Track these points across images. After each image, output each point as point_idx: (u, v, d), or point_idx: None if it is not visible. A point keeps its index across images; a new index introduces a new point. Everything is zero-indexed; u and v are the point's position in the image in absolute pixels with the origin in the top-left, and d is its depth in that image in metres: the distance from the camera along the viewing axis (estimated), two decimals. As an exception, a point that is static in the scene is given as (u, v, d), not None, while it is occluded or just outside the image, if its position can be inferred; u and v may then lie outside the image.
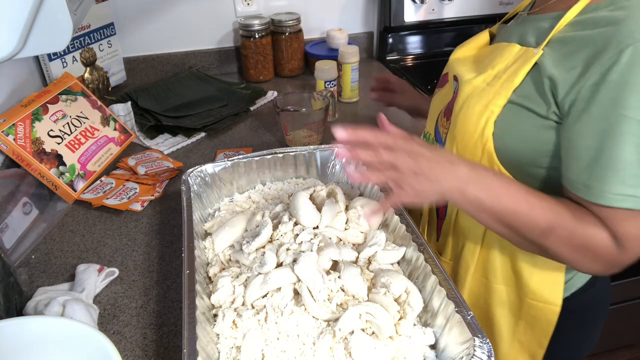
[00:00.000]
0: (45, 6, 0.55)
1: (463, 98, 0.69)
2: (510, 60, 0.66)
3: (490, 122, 0.65)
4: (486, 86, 0.67)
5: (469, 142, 0.67)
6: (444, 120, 0.75)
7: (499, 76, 0.66)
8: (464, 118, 0.67)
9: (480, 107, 0.66)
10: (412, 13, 1.51)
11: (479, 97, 0.67)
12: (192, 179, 0.84)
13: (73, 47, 1.25)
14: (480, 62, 0.72)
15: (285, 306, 0.63)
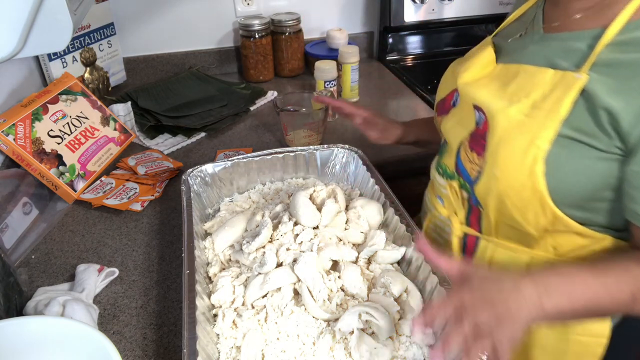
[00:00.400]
0: (45, 6, 0.55)
1: (500, 133, 0.62)
2: (546, 87, 0.60)
3: (539, 159, 0.58)
4: (525, 118, 0.60)
5: (514, 183, 0.60)
6: (473, 156, 0.67)
7: (538, 106, 0.60)
8: (506, 156, 0.61)
9: (524, 143, 0.59)
10: (412, 13, 1.51)
11: (520, 131, 0.60)
12: (192, 179, 0.84)
13: (73, 47, 1.25)
14: (505, 88, 0.65)
15: (285, 306, 0.63)
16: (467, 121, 0.70)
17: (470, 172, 0.68)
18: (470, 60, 0.73)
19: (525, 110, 0.60)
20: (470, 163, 0.68)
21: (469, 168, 0.68)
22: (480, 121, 0.67)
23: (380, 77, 1.50)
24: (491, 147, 0.63)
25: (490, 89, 0.66)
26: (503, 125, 0.62)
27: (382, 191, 0.80)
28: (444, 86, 0.81)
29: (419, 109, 1.29)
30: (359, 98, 1.35)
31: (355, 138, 1.16)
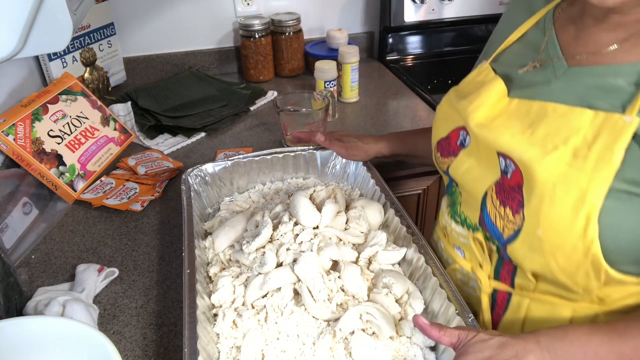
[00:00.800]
0: (45, 6, 0.55)
1: (540, 188, 0.53)
2: (588, 132, 0.52)
3: (593, 219, 0.50)
4: (568, 169, 0.52)
5: (562, 245, 0.53)
6: (506, 212, 0.59)
7: (581, 154, 0.52)
8: (552, 216, 0.53)
9: (573, 200, 0.51)
10: (412, 13, 1.51)
11: (566, 185, 0.52)
12: (192, 179, 0.84)
13: (73, 47, 1.25)
14: (531, 131, 0.57)
15: (285, 306, 0.63)
16: (489, 168, 0.62)
17: (502, 230, 0.59)
18: (478, 96, 0.64)
19: (567, 159, 0.52)
20: (502, 220, 0.59)
21: (500, 225, 0.60)
22: (508, 170, 0.59)
23: (380, 77, 1.50)
24: (531, 204, 0.55)
25: (514, 132, 0.58)
26: (543, 178, 0.53)
27: (383, 192, 0.80)
28: (444, 123, 0.71)
29: (419, 109, 1.29)
30: (359, 98, 1.35)
31: (355, 138, 1.16)
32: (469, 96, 0.65)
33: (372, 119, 1.25)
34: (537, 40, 0.64)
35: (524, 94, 0.61)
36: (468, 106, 0.64)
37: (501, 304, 0.66)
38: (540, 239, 0.54)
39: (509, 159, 0.59)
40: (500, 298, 0.66)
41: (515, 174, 0.58)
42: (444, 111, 0.72)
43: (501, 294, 0.65)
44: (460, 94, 0.69)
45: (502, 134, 0.59)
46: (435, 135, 0.73)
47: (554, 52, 0.61)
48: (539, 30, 0.65)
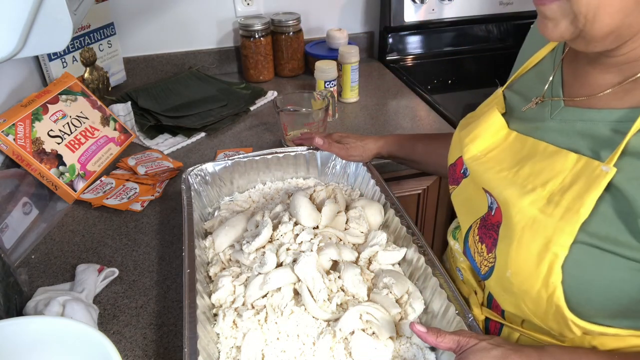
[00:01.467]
0: (45, 6, 0.55)
1: (511, 232, 0.53)
2: (566, 177, 0.51)
3: (556, 268, 0.49)
4: (539, 214, 0.51)
5: (529, 290, 0.52)
6: (482, 249, 0.59)
7: (553, 200, 0.51)
8: (519, 260, 0.52)
9: (539, 247, 0.50)
10: (412, 13, 1.51)
11: (533, 231, 0.51)
12: (192, 178, 0.84)
13: (73, 47, 1.25)
14: (517, 169, 0.56)
15: (285, 306, 0.63)
16: (478, 203, 0.61)
17: (479, 266, 0.60)
18: (476, 127, 0.63)
19: (540, 204, 0.51)
20: (479, 256, 0.60)
21: (477, 260, 0.60)
22: (493, 206, 0.58)
23: (380, 77, 1.50)
24: (502, 245, 0.54)
25: (501, 168, 0.58)
26: (515, 220, 0.53)
27: (383, 192, 0.80)
28: (453, 150, 0.70)
29: (419, 109, 1.29)
30: (359, 98, 1.35)
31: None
32: (469, 126, 0.65)
33: (372, 119, 1.25)
34: (548, 71, 0.63)
35: (522, 129, 0.60)
36: (465, 138, 0.64)
37: (494, 332, 0.66)
38: (509, 281, 0.53)
39: (492, 196, 0.58)
40: (492, 326, 0.66)
41: (497, 212, 0.57)
42: (455, 137, 0.71)
43: (493, 323, 0.65)
44: (468, 120, 0.68)
45: (489, 170, 0.59)
46: (448, 160, 0.72)
47: (556, 89, 0.59)
48: (551, 60, 0.63)
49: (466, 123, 0.68)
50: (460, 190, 0.67)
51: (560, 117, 0.57)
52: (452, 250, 0.73)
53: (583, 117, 0.54)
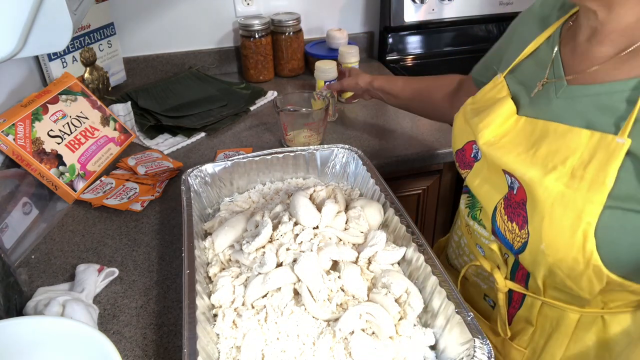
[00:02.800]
0: (45, 6, 0.55)
1: (540, 208, 0.57)
2: (584, 152, 0.55)
3: (590, 235, 0.53)
4: (565, 189, 0.55)
5: (565, 258, 0.56)
6: (513, 227, 0.62)
7: (577, 175, 0.54)
8: (553, 233, 0.56)
9: (571, 219, 0.54)
10: (412, 13, 1.51)
11: (563, 205, 0.55)
12: (192, 179, 0.84)
13: (73, 47, 1.25)
14: (534, 151, 0.59)
15: (285, 306, 0.63)
16: (497, 183, 0.65)
17: (512, 242, 0.63)
18: (489, 115, 0.66)
19: (564, 180, 0.55)
20: (511, 233, 0.62)
21: (509, 238, 0.63)
22: (514, 186, 0.62)
23: (380, 77, 1.50)
24: (534, 222, 0.58)
25: (518, 152, 0.61)
26: (543, 197, 0.56)
27: (382, 191, 0.80)
28: (459, 136, 0.74)
29: (419, 109, 1.29)
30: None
31: (355, 138, 1.16)
32: (481, 113, 0.68)
33: (372, 118, 1.25)
34: (546, 56, 0.66)
35: (530, 113, 0.64)
36: (479, 124, 0.67)
37: (517, 301, 0.70)
38: (544, 252, 0.57)
39: (513, 176, 0.62)
40: (515, 296, 0.70)
41: (520, 190, 0.61)
42: (460, 123, 0.74)
43: (516, 293, 0.70)
44: (475, 107, 0.71)
45: (508, 154, 0.62)
46: (454, 145, 0.76)
47: (557, 71, 0.63)
48: (548, 47, 0.66)
49: (474, 109, 0.71)
50: (474, 173, 0.70)
51: (565, 95, 0.60)
52: (471, 230, 0.75)
53: (588, 93, 0.57)
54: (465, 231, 0.78)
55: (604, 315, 0.63)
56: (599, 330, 0.65)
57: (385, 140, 1.14)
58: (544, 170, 0.57)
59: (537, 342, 0.70)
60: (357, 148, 0.91)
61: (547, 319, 0.68)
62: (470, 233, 0.76)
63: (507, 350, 0.75)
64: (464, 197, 0.78)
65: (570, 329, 0.66)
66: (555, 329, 0.67)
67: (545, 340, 0.69)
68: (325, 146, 0.91)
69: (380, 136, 1.16)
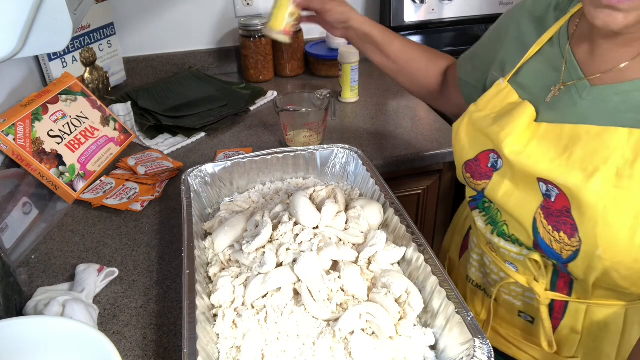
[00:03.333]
0: (45, 6, 0.55)
1: (591, 212, 0.55)
2: (626, 151, 0.54)
3: None
4: (616, 190, 0.53)
5: (624, 261, 0.55)
6: (561, 236, 0.60)
7: (624, 174, 0.53)
8: (609, 238, 0.54)
9: (629, 220, 0.53)
10: (412, 13, 1.51)
11: (617, 207, 0.53)
12: (192, 179, 0.84)
13: (73, 47, 1.25)
14: (567, 155, 0.58)
15: (285, 306, 0.63)
16: (530, 193, 0.62)
17: (560, 252, 0.61)
18: (510, 122, 0.63)
19: (611, 181, 0.54)
20: (559, 243, 0.60)
21: (557, 248, 0.61)
22: (551, 194, 0.60)
23: (380, 77, 1.50)
24: (586, 227, 0.56)
25: (551, 158, 0.59)
26: (592, 202, 0.54)
27: (382, 191, 0.80)
28: (471, 145, 0.71)
29: (419, 109, 1.29)
30: (358, 98, 1.35)
31: (356, 138, 1.16)
32: (498, 121, 0.65)
33: (372, 119, 1.25)
34: (555, 59, 0.64)
35: (550, 118, 0.61)
36: (500, 132, 0.64)
37: (559, 310, 0.68)
38: (600, 257, 0.56)
39: (550, 184, 0.59)
40: (557, 305, 0.68)
41: (559, 198, 0.58)
42: (469, 133, 0.71)
43: (559, 302, 0.68)
44: (484, 114, 0.68)
45: (540, 161, 0.60)
46: (461, 156, 0.72)
47: (574, 72, 0.61)
48: (554, 48, 0.65)
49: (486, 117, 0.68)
50: (496, 184, 0.67)
51: (592, 97, 0.58)
52: (495, 247, 0.72)
53: (617, 91, 0.56)
54: (487, 249, 0.75)
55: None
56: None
57: (385, 140, 1.14)
58: (585, 174, 0.55)
59: (588, 347, 0.69)
60: (357, 148, 0.91)
61: (594, 322, 0.66)
62: (495, 250, 0.73)
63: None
64: (476, 214, 0.74)
65: (619, 326, 0.65)
66: (604, 330, 0.66)
67: (595, 344, 0.68)
68: (325, 146, 0.91)
69: (380, 136, 1.16)
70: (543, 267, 0.66)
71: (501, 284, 0.74)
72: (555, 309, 0.69)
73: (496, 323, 0.79)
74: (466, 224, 0.87)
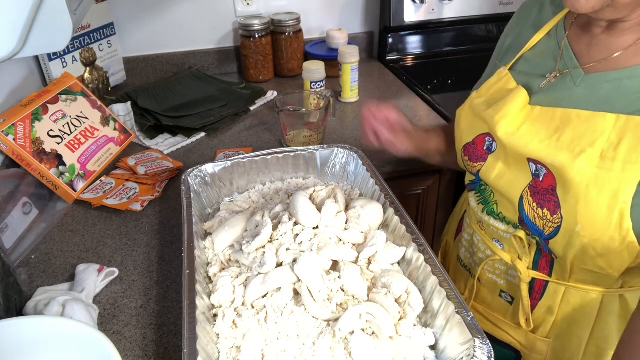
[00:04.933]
0: (45, 6, 0.55)
1: (574, 190, 0.58)
2: (612, 134, 0.57)
3: (627, 214, 0.56)
4: (598, 170, 0.57)
5: (601, 238, 0.58)
6: (544, 213, 0.63)
7: (608, 156, 0.56)
8: (589, 214, 0.58)
9: (607, 199, 0.56)
10: (412, 13, 1.51)
11: (598, 186, 0.57)
12: (192, 179, 0.84)
13: (73, 47, 1.25)
14: (557, 136, 0.61)
15: (285, 306, 0.63)
16: (520, 173, 0.66)
17: (543, 229, 0.64)
18: (504, 106, 0.67)
19: (596, 162, 0.57)
20: (542, 220, 0.64)
21: (540, 224, 0.64)
22: (540, 173, 0.63)
23: (380, 77, 1.50)
24: (568, 204, 0.60)
25: (541, 138, 0.62)
26: (576, 180, 0.58)
27: (382, 191, 0.80)
28: (469, 129, 0.74)
29: (419, 109, 1.29)
30: (358, 98, 1.35)
31: (356, 138, 1.16)
32: (493, 105, 0.69)
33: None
34: (552, 50, 0.68)
35: (544, 102, 0.65)
36: (494, 115, 0.67)
37: (538, 290, 0.72)
38: (579, 234, 0.59)
39: (539, 164, 0.63)
40: (537, 285, 0.72)
41: (547, 177, 0.62)
42: (467, 117, 0.75)
43: (539, 282, 0.71)
44: (484, 100, 0.72)
45: (531, 142, 0.63)
46: (461, 140, 0.76)
47: (570, 62, 0.65)
48: (551, 41, 0.69)
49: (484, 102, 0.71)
50: (490, 166, 0.71)
51: (585, 84, 0.62)
52: (485, 225, 0.76)
53: (608, 79, 0.60)
54: (477, 228, 0.79)
55: (624, 294, 0.67)
56: (620, 309, 0.68)
57: (385, 140, 1.14)
58: (572, 154, 0.58)
59: (561, 329, 0.72)
60: (357, 148, 0.91)
61: (570, 304, 0.70)
62: (484, 229, 0.77)
63: (531, 343, 0.77)
64: (472, 195, 0.78)
65: (594, 311, 0.68)
66: (579, 312, 0.69)
67: (569, 326, 0.71)
68: (325, 146, 0.91)
69: (380, 136, 1.16)
70: (527, 246, 0.69)
71: (486, 262, 0.77)
72: (535, 289, 0.72)
73: (477, 302, 0.83)
74: (463, 208, 0.90)
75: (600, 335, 0.71)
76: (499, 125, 0.66)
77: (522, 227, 0.68)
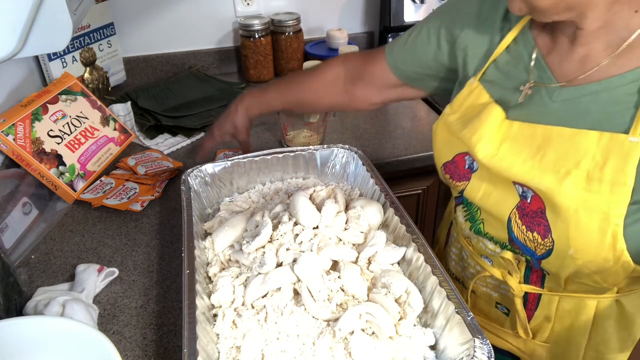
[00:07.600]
0: (45, 6, 0.55)
1: (564, 215, 0.56)
2: (596, 154, 0.54)
3: (619, 235, 0.54)
4: (586, 193, 0.54)
5: (595, 260, 0.57)
6: (535, 236, 0.61)
7: (594, 177, 0.54)
8: (580, 239, 0.56)
9: (598, 222, 0.54)
10: (412, 13, 1.51)
11: (588, 209, 0.55)
12: (192, 179, 0.84)
13: (73, 47, 1.25)
14: (540, 156, 0.58)
15: (285, 306, 0.63)
16: (507, 193, 0.63)
17: (535, 250, 0.62)
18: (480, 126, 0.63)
19: (582, 184, 0.55)
20: (533, 243, 0.62)
21: (532, 246, 0.62)
22: (527, 195, 0.61)
23: (380, 77, 1.49)
24: (558, 230, 0.58)
25: (524, 159, 0.59)
26: (565, 205, 0.56)
27: (382, 191, 0.80)
28: (445, 148, 0.72)
29: (419, 109, 1.29)
30: (359, 98, 1.35)
31: (356, 138, 1.16)
32: (468, 125, 0.65)
33: (372, 119, 1.25)
34: (521, 58, 0.64)
35: (522, 116, 0.62)
36: (471, 137, 0.64)
37: (533, 301, 0.71)
38: (572, 257, 0.58)
39: (525, 186, 0.60)
40: (531, 297, 0.71)
41: (535, 199, 0.60)
42: (443, 135, 0.72)
43: (532, 295, 0.71)
44: (457, 116, 0.69)
45: (514, 164, 0.60)
46: (440, 157, 0.74)
47: (543, 73, 0.61)
48: (519, 47, 0.64)
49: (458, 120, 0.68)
50: (474, 185, 0.68)
51: (562, 98, 0.59)
52: (473, 242, 0.74)
53: (585, 92, 0.57)
54: (465, 243, 0.77)
55: (620, 299, 0.67)
56: (617, 313, 0.68)
57: (385, 140, 1.14)
58: (558, 176, 0.56)
59: (559, 335, 0.72)
60: (357, 148, 0.91)
61: (566, 311, 0.69)
62: (472, 245, 0.75)
63: (530, 348, 0.76)
64: (459, 209, 0.75)
65: (590, 316, 0.68)
66: (576, 319, 0.69)
67: (567, 332, 0.71)
68: (325, 146, 0.91)
69: (380, 136, 1.16)
70: (516, 264, 0.68)
71: (478, 277, 0.76)
72: (529, 301, 0.71)
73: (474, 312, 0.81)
74: (450, 217, 0.89)
75: (598, 339, 0.71)
76: (477, 147, 0.63)
77: (512, 247, 0.66)
